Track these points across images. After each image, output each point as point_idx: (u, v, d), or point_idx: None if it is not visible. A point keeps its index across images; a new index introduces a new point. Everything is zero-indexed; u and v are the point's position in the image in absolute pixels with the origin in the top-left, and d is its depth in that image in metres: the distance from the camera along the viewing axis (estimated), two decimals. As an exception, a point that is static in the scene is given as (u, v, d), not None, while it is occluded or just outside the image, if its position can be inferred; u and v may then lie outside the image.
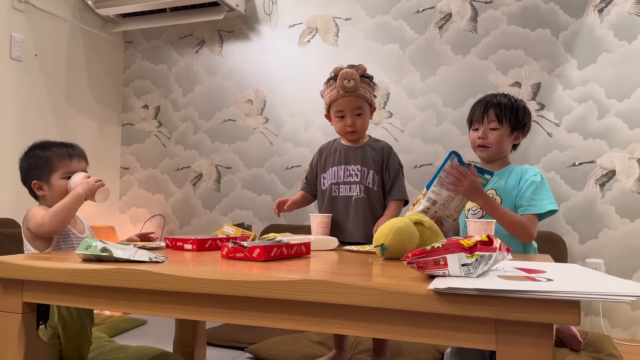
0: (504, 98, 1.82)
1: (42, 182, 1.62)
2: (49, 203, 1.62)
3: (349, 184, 1.96)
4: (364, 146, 1.98)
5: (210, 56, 3.21)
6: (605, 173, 2.42)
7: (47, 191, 1.63)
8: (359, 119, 1.91)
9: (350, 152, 1.98)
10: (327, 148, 2.06)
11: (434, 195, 1.63)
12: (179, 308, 1.13)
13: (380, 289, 0.93)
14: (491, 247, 0.97)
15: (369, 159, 1.95)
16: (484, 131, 1.79)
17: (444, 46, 2.72)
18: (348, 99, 1.88)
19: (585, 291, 0.82)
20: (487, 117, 1.79)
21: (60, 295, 1.24)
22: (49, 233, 1.52)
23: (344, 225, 1.95)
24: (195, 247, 1.52)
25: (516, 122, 1.80)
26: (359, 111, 1.90)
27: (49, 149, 1.65)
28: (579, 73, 2.48)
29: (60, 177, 1.63)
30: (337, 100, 1.90)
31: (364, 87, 1.89)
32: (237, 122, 3.13)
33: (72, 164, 1.66)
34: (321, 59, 2.95)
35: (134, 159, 3.38)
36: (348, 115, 1.90)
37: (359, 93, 1.87)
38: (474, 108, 1.85)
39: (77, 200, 1.54)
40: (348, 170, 1.96)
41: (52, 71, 2.90)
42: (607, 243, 2.40)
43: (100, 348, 1.87)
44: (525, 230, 1.68)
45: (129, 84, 3.42)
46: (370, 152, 1.96)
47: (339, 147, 2.02)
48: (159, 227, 3.25)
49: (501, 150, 1.81)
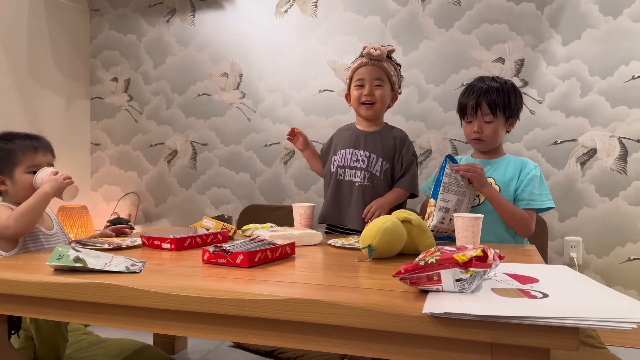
0: (493, 83, 1.77)
1: (4, 176, 1.52)
2: (12, 199, 1.53)
3: (354, 169, 1.92)
4: (377, 132, 1.94)
5: (182, 26, 3.05)
6: (586, 152, 2.42)
7: (9, 186, 1.53)
8: (378, 90, 1.86)
9: (361, 137, 1.94)
10: (342, 130, 2.04)
11: (444, 203, 1.61)
12: (158, 323, 1.08)
13: (373, 310, 0.89)
14: (486, 264, 0.94)
15: (378, 145, 1.91)
16: (479, 125, 1.75)
17: (427, 19, 2.63)
18: (371, 67, 1.86)
19: (585, 317, 0.80)
20: (481, 110, 1.74)
21: (32, 307, 1.17)
22: (14, 236, 1.43)
23: (345, 210, 1.92)
24: (173, 247, 1.45)
25: (510, 110, 1.76)
26: (379, 82, 1.86)
27: (12, 141, 1.54)
28: (563, 49, 2.44)
29: (24, 172, 1.53)
30: (359, 69, 1.89)
31: (388, 65, 1.87)
32: (213, 97, 3.01)
33: (37, 157, 1.56)
34: (299, 30, 2.83)
35: (104, 134, 3.24)
36: (367, 83, 1.86)
37: (382, 65, 1.84)
38: (465, 99, 1.80)
39: (44, 200, 1.45)
40: (356, 154, 1.92)
41: (12, 43, 2.72)
42: (586, 221, 2.41)
43: (78, 343, 1.81)
44: (524, 225, 1.71)
45: (96, 55, 3.24)
46: (382, 139, 1.92)
47: (352, 130, 1.99)
48: (133, 206, 3.16)
49: (496, 141, 1.79)
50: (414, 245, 1.38)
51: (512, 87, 1.79)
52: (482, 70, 2.52)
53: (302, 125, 2.82)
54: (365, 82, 1.87)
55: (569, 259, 2.41)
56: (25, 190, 1.51)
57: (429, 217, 1.62)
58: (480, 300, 0.90)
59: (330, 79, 2.77)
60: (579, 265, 2.41)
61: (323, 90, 2.80)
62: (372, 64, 1.85)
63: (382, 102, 1.88)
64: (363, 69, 1.87)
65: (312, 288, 1.02)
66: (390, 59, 1.91)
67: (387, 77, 1.88)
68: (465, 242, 1.42)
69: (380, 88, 1.87)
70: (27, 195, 1.48)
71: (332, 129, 2.75)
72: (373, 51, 1.83)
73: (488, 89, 1.74)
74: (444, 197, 1.62)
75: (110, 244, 1.51)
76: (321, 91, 2.80)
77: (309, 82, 2.82)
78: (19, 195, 1.51)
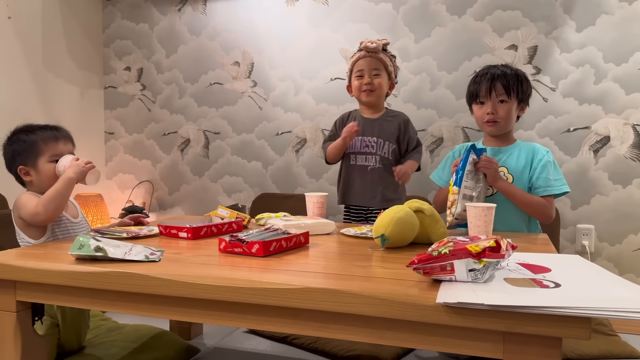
0: (506, 69, 1.78)
1: (28, 167, 1.56)
2: (38, 189, 1.57)
3: (365, 154, 2.10)
4: (381, 118, 2.11)
5: (194, 15, 3.06)
6: (599, 139, 2.41)
7: (34, 176, 1.57)
8: (377, 78, 2.04)
9: (367, 124, 2.11)
10: (346, 118, 2.18)
11: (468, 191, 1.64)
12: (177, 310, 1.11)
13: (387, 299, 0.91)
14: (499, 254, 0.95)
15: (385, 130, 2.09)
16: (493, 106, 1.76)
17: (439, 6, 2.61)
18: (368, 59, 2.03)
19: (598, 307, 0.81)
20: (495, 91, 1.75)
21: (55, 295, 1.21)
22: (44, 222, 1.47)
23: (360, 191, 2.10)
24: (190, 236, 1.48)
25: (522, 93, 1.78)
26: (376, 72, 2.04)
27: (33, 132, 1.58)
28: (577, 36, 2.41)
29: (47, 161, 1.57)
30: (358, 61, 2.06)
31: (384, 56, 2.05)
32: (224, 86, 3.02)
33: (59, 146, 1.60)
34: (311, 18, 2.83)
35: (118, 123, 3.27)
36: (366, 74, 2.04)
37: (379, 56, 2.03)
38: (478, 82, 1.80)
39: (69, 185, 1.49)
40: (365, 141, 2.10)
41: (27, 34, 2.75)
42: (598, 209, 2.41)
43: (97, 329, 1.86)
44: (544, 212, 1.72)
45: (109, 45, 3.26)
46: (387, 124, 2.10)
47: (357, 118, 2.14)
48: (147, 194, 3.20)
49: (510, 124, 1.80)
50: (426, 234, 1.39)
51: (524, 74, 1.81)
52: (495, 57, 2.51)
53: (314, 114, 2.84)
54: (364, 72, 2.04)
55: (581, 246, 2.42)
56: (49, 178, 1.55)
57: (452, 205, 1.62)
58: (493, 290, 0.91)
59: (342, 67, 2.77)
60: (591, 252, 2.41)
61: (334, 79, 2.80)
62: (369, 55, 2.03)
63: (381, 88, 2.05)
64: (361, 61, 2.04)
65: (326, 277, 1.04)
66: (386, 51, 2.08)
67: (384, 67, 2.05)
68: (478, 231, 1.43)
69: (378, 77, 2.04)
70: (51, 183, 1.51)
71: (344, 118, 2.76)
72: (370, 44, 2.02)
73: (502, 73, 1.77)
74: (467, 184, 1.63)
75: (129, 232, 1.54)
76: (332, 79, 2.80)
77: (320, 71, 2.82)
78: (44, 184, 1.55)
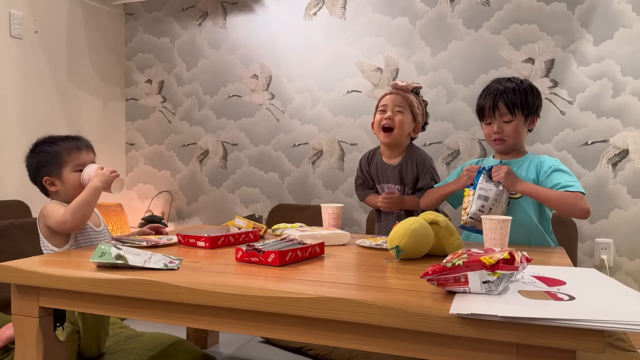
0: (509, 83, 1.76)
1: (53, 177, 1.60)
2: (63, 198, 1.61)
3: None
4: (400, 165, 2.03)
5: (214, 29, 3.12)
6: (618, 152, 2.39)
7: (59, 186, 1.61)
8: (398, 115, 1.96)
9: (389, 171, 2.06)
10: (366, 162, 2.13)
11: (484, 192, 1.62)
12: (194, 318, 1.13)
13: (401, 310, 0.92)
14: (513, 266, 0.95)
15: (405, 177, 2.03)
16: (499, 125, 1.75)
17: (456, 20, 2.63)
18: (394, 95, 1.99)
19: (611, 320, 0.81)
20: (499, 111, 1.74)
21: (76, 301, 1.24)
22: (71, 229, 1.51)
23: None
24: (208, 245, 1.51)
25: (528, 108, 1.76)
26: (400, 109, 1.97)
27: (56, 143, 1.62)
28: (595, 49, 2.41)
29: (72, 171, 1.61)
30: (384, 97, 2.02)
31: (413, 97, 2.01)
32: (243, 98, 3.07)
33: (82, 155, 1.64)
34: (328, 32, 2.87)
35: (139, 134, 3.34)
36: (389, 109, 1.98)
37: (406, 95, 1.98)
38: (482, 100, 1.80)
39: (96, 194, 1.53)
40: (390, 187, 2.07)
41: (53, 48, 2.83)
42: (617, 223, 2.39)
43: (115, 336, 1.89)
44: (577, 204, 1.60)
45: (131, 58, 3.34)
46: (407, 170, 2.02)
47: (378, 163, 2.08)
48: (166, 204, 3.25)
49: (518, 141, 1.78)
50: (441, 246, 1.40)
51: (529, 86, 1.78)
52: (512, 71, 2.52)
53: (330, 126, 2.86)
54: (387, 107, 1.98)
55: (600, 260, 2.39)
56: (74, 188, 1.59)
57: (467, 206, 1.62)
58: (506, 301, 0.92)
59: (358, 79, 2.80)
60: (610, 267, 2.38)
61: (351, 91, 2.83)
62: (396, 92, 1.99)
63: (401, 128, 1.96)
64: (387, 96, 2.01)
65: (341, 287, 1.06)
66: (417, 94, 2.04)
67: (409, 106, 1.98)
68: (493, 244, 1.43)
69: (401, 114, 1.96)
70: (76, 192, 1.55)
71: (360, 130, 2.79)
72: (399, 82, 1.99)
73: (504, 90, 1.74)
74: (482, 185, 1.63)
75: (148, 241, 1.57)
76: (349, 92, 2.83)
77: (337, 83, 2.85)
78: (69, 194, 1.59)
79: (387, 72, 2.74)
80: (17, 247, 1.68)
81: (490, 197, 1.63)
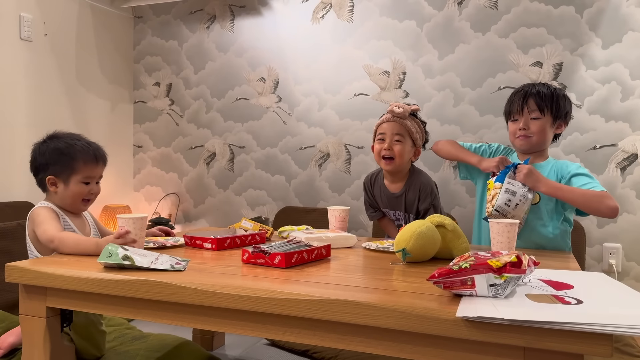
0: (543, 87, 1.79)
1: (59, 179, 1.56)
2: (58, 201, 1.57)
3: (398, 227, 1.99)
4: (403, 192, 1.99)
5: (222, 32, 3.14)
6: (626, 157, 2.37)
7: (60, 189, 1.56)
8: (397, 145, 1.91)
9: (393, 199, 2.02)
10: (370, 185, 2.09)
11: (511, 187, 1.62)
12: (200, 319, 1.13)
13: (407, 312, 0.92)
14: (520, 270, 0.95)
15: (408, 204, 1.99)
16: (525, 121, 1.77)
17: (463, 23, 2.63)
18: (392, 123, 1.92)
19: (619, 324, 0.80)
20: (528, 107, 1.76)
21: (83, 301, 1.25)
22: (53, 251, 1.47)
23: None
24: (214, 247, 1.51)
25: (557, 111, 1.77)
26: (398, 137, 1.91)
27: (74, 146, 1.58)
28: (603, 53, 2.40)
29: (80, 181, 1.56)
30: (382, 124, 1.96)
31: (411, 122, 1.94)
32: (250, 101, 3.08)
33: (97, 169, 1.60)
34: (335, 35, 2.87)
35: (147, 137, 3.36)
36: (388, 138, 1.92)
37: (404, 122, 1.92)
38: (512, 99, 1.83)
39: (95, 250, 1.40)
40: (395, 214, 2.04)
41: (62, 50, 2.85)
42: (625, 228, 2.37)
43: (122, 337, 1.90)
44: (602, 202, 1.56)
45: (139, 61, 3.36)
46: (410, 197, 1.98)
47: (382, 190, 2.04)
48: (173, 206, 3.26)
49: (543, 141, 1.79)
50: (448, 249, 1.39)
51: (563, 94, 1.81)
52: (520, 74, 2.51)
53: (337, 129, 2.87)
54: (386, 136, 1.92)
55: (608, 265, 2.37)
56: (73, 198, 1.55)
57: (493, 198, 1.61)
58: (513, 305, 0.91)
59: (365, 83, 2.80)
60: (618, 272, 2.36)
61: (358, 94, 2.83)
62: (394, 120, 1.92)
63: (401, 157, 1.92)
64: (385, 124, 1.94)
65: (347, 289, 1.05)
66: (415, 116, 1.97)
67: (408, 133, 1.92)
68: (500, 247, 1.43)
69: (400, 143, 1.91)
70: (73, 202, 1.52)
71: (366, 133, 2.79)
72: (396, 109, 1.91)
73: (538, 91, 1.78)
74: (510, 182, 1.62)
75: (155, 242, 1.58)
76: (356, 95, 2.83)
77: (344, 86, 2.85)
78: (66, 201, 1.56)
79: (394, 75, 2.74)
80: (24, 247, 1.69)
81: (518, 193, 1.62)
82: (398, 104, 1.93)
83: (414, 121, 1.95)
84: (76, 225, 1.60)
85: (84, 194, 1.58)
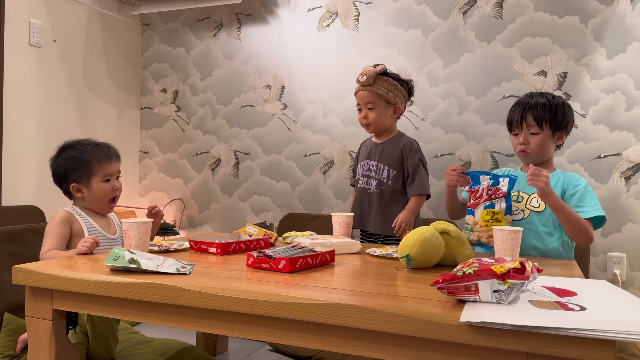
0: (541, 98, 1.79)
1: (81, 184, 1.64)
2: (88, 205, 1.66)
3: (367, 177, 2.13)
4: (385, 142, 2.11)
5: (229, 40, 3.17)
6: (631, 166, 2.37)
7: (86, 194, 1.65)
8: (371, 112, 2.04)
9: (373, 148, 2.14)
10: (363, 144, 2.25)
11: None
12: (206, 322, 1.14)
13: (411, 317, 0.93)
14: (524, 276, 0.96)
15: (385, 154, 2.09)
16: (525, 137, 1.77)
17: (468, 32, 2.65)
18: (362, 92, 2.05)
19: (623, 330, 0.81)
20: (526, 122, 1.76)
21: (89, 304, 1.26)
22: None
23: (363, 215, 2.14)
24: (219, 251, 1.52)
25: (557, 123, 1.76)
26: (371, 105, 2.04)
27: (85, 150, 1.65)
28: (608, 63, 2.41)
29: (101, 180, 1.66)
30: (357, 94, 2.10)
31: (380, 84, 2.02)
32: (256, 108, 3.10)
33: (112, 166, 1.70)
34: (341, 44, 2.89)
35: (153, 143, 3.38)
36: (363, 107, 2.06)
37: (371, 88, 2.02)
38: (512, 112, 1.83)
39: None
40: (368, 164, 2.13)
41: (71, 57, 2.89)
42: (630, 237, 2.36)
43: (126, 341, 1.90)
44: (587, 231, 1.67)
45: (147, 67, 3.39)
46: (388, 149, 2.09)
47: (369, 142, 2.19)
48: (178, 211, 3.28)
49: (543, 155, 1.79)
50: (452, 256, 1.40)
51: (561, 102, 1.79)
52: (524, 84, 2.52)
53: (342, 136, 2.88)
54: (361, 106, 2.07)
55: (612, 275, 2.37)
56: (100, 198, 1.64)
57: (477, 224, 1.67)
58: (517, 311, 0.92)
59: (371, 91, 2.81)
60: (623, 282, 2.36)
61: (363, 102, 2.84)
62: (362, 89, 2.04)
63: (377, 121, 2.05)
64: (358, 94, 2.08)
65: (351, 294, 1.06)
66: (386, 74, 2.04)
67: (378, 97, 2.02)
68: (504, 254, 1.43)
69: (373, 110, 2.03)
70: (101, 202, 1.60)
71: (372, 141, 2.80)
72: (360, 77, 2.02)
73: (535, 104, 1.77)
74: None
75: (160, 247, 1.59)
76: (361, 103, 2.84)
77: (349, 94, 2.87)
78: (94, 202, 1.64)
79: (399, 83, 2.76)
80: (32, 251, 1.71)
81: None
82: (363, 70, 2.02)
83: (383, 81, 2.02)
84: (100, 226, 1.67)
85: (109, 192, 1.67)
